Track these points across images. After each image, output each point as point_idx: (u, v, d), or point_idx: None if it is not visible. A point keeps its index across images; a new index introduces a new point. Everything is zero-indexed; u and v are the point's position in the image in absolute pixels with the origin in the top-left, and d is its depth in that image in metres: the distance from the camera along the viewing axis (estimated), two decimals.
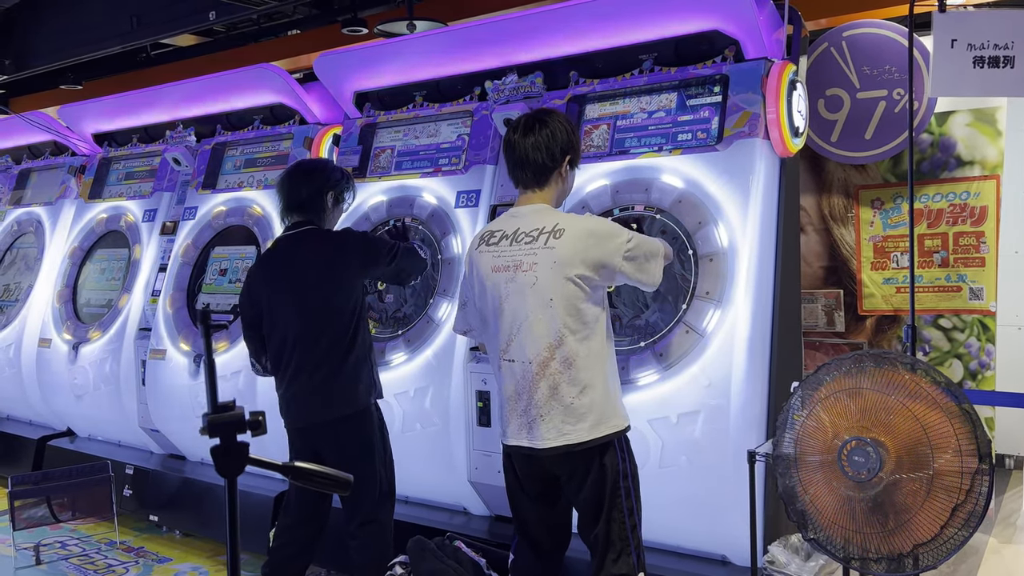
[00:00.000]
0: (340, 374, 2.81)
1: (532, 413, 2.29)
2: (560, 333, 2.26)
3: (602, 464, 2.29)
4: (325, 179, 2.96)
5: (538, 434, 2.28)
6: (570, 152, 2.39)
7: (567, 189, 2.47)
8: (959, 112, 3.94)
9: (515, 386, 2.33)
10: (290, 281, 2.87)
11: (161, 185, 4.66)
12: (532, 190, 2.40)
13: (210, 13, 4.62)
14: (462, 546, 3.04)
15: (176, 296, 4.22)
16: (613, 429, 2.29)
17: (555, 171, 2.37)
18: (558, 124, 2.37)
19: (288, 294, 2.87)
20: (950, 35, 3.00)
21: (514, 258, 2.31)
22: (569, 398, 2.26)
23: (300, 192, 2.92)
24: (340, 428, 2.82)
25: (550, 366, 2.26)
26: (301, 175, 2.96)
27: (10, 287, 5.40)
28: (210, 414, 1.29)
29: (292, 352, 2.85)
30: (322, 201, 2.94)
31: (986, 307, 3.90)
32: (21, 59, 5.75)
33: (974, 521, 2.08)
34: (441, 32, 4.01)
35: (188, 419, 4.01)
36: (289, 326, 2.86)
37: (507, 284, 2.32)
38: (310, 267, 2.84)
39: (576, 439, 2.26)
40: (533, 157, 2.35)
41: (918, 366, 2.20)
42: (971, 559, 3.16)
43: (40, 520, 4.03)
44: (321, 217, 2.95)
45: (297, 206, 2.92)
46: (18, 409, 5.23)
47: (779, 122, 2.87)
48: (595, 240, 2.27)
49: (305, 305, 2.84)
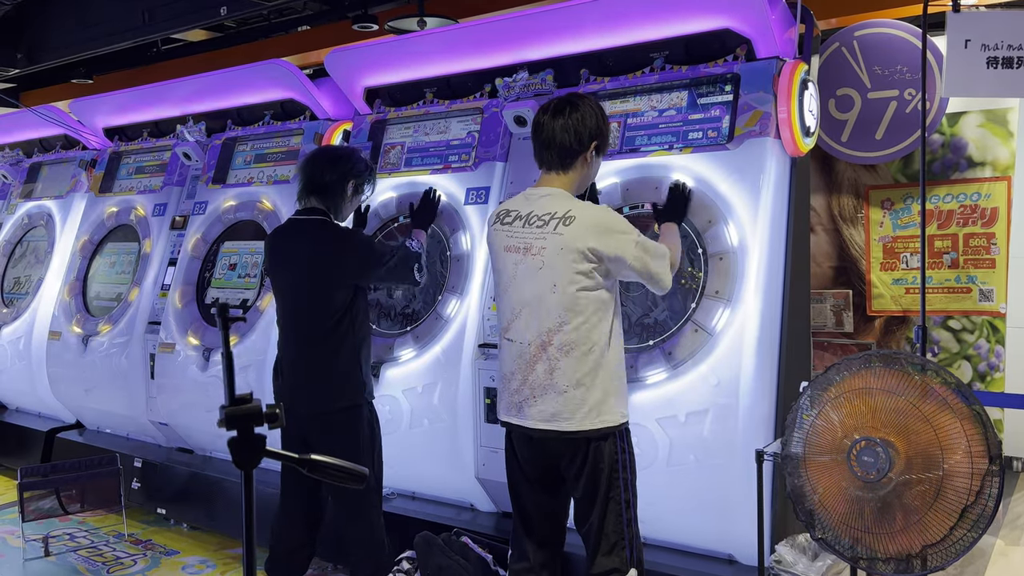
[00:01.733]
0: (327, 370, 2.82)
1: (525, 393, 2.32)
2: (561, 319, 2.26)
3: (600, 451, 2.30)
4: (350, 167, 2.95)
5: (528, 414, 2.31)
6: (598, 138, 2.37)
7: (591, 175, 2.46)
8: (971, 113, 3.92)
9: (512, 365, 2.35)
10: (288, 268, 2.91)
11: (171, 180, 4.68)
12: (556, 172, 2.38)
13: (221, 8, 4.62)
14: (469, 542, 3.05)
15: (185, 290, 4.23)
16: (604, 424, 2.29)
17: (581, 155, 2.36)
18: (589, 108, 2.36)
19: (285, 279, 2.92)
20: (964, 35, 2.98)
21: (525, 240, 2.32)
22: (563, 385, 2.27)
23: (323, 176, 2.90)
24: (326, 421, 2.83)
25: (548, 350, 2.28)
26: (327, 160, 2.96)
27: (20, 280, 5.43)
28: (227, 407, 1.30)
29: (287, 334, 2.91)
30: (343, 189, 2.93)
31: (996, 308, 3.89)
32: (33, 53, 5.76)
33: (983, 523, 2.08)
34: (452, 29, 4.01)
35: (196, 413, 4.03)
36: (285, 309, 2.92)
37: (516, 265, 2.33)
38: (307, 260, 2.85)
39: (565, 427, 2.27)
40: (561, 139, 2.33)
41: (928, 367, 2.20)
42: (978, 561, 3.15)
43: (49, 512, 4.06)
44: (338, 205, 2.95)
45: (317, 190, 2.92)
46: (28, 401, 5.26)
47: (790, 121, 2.86)
48: (603, 230, 2.27)
49: (297, 295, 2.88)
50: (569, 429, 2.27)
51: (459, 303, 3.34)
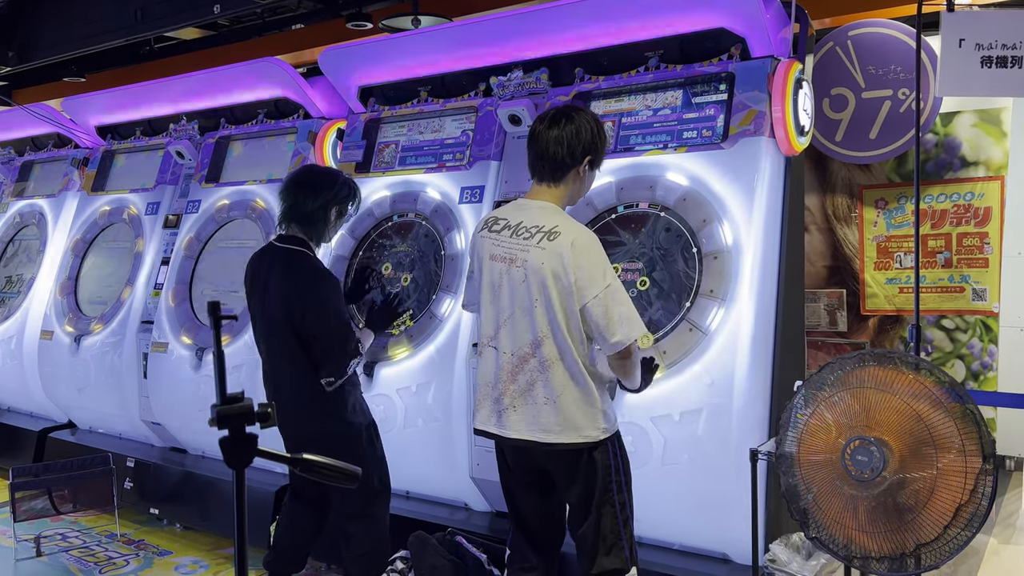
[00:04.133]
0: (307, 399, 2.79)
1: (504, 403, 2.30)
2: (541, 333, 2.25)
3: (592, 459, 2.29)
4: (333, 195, 2.89)
5: (506, 423, 2.30)
6: (592, 153, 2.33)
7: (583, 190, 2.41)
8: (964, 112, 3.93)
9: (493, 374, 2.33)
10: (262, 296, 2.85)
11: (164, 178, 4.66)
12: (547, 184, 2.35)
13: (214, 6, 4.61)
14: (463, 542, 3.04)
15: (178, 289, 4.22)
16: (584, 439, 2.26)
17: (573, 169, 2.32)
18: (585, 122, 2.31)
19: (261, 306, 2.87)
20: (958, 34, 2.99)
21: (511, 251, 2.30)
22: (542, 399, 2.25)
23: (305, 206, 2.85)
24: (321, 445, 2.80)
25: (529, 363, 2.26)
26: (309, 189, 2.88)
27: (12, 279, 5.40)
28: (219, 405, 1.29)
29: (265, 363, 2.90)
30: (325, 216, 2.89)
31: (989, 308, 3.90)
32: (25, 51, 5.73)
33: (977, 521, 2.08)
34: (446, 27, 4.01)
35: (189, 412, 4.01)
36: (260, 336, 2.90)
37: (502, 275, 2.31)
38: (280, 291, 2.80)
39: (544, 439, 2.25)
40: (553, 151, 2.29)
41: (922, 365, 2.20)
42: (971, 560, 3.16)
43: (41, 512, 4.04)
44: (321, 232, 2.91)
45: (298, 218, 2.87)
46: (19, 401, 5.23)
47: (785, 121, 2.87)
48: (582, 253, 2.21)
49: (271, 327, 2.84)
50: (549, 441, 2.26)
51: (453, 302, 3.33)
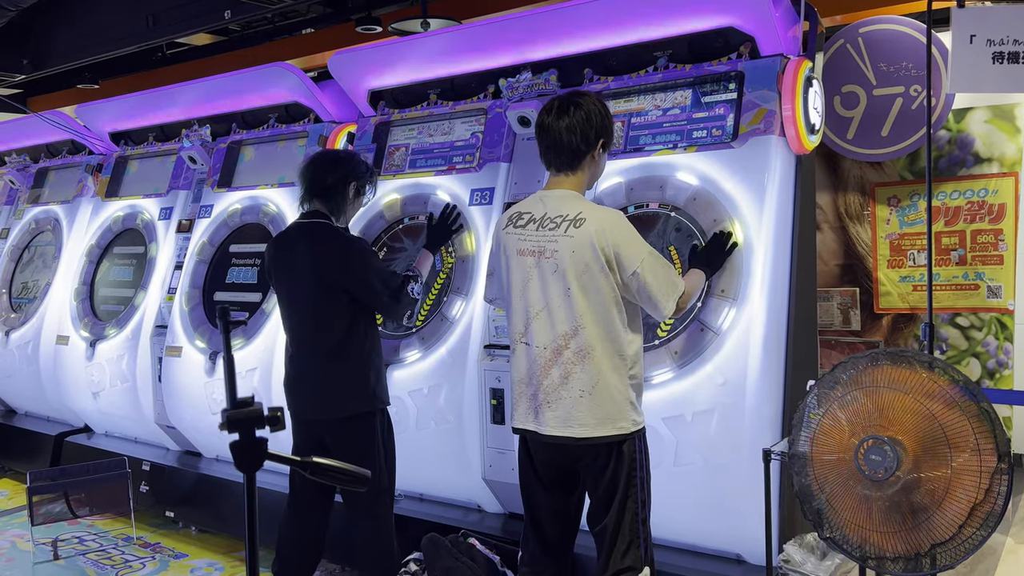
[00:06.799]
0: (336, 378, 2.82)
1: (540, 398, 2.30)
2: (577, 323, 2.25)
3: (620, 452, 2.29)
4: (351, 169, 2.95)
5: (544, 420, 2.29)
6: (604, 135, 2.36)
7: (598, 172, 2.44)
8: (977, 109, 3.90)
9: (527, 370, 2.33)
10: (292, 274, 2.89)
11: (177, 183, 4.69)
12: (564, 173, 2.37)
13: (225, 12, 4.64)
14: (476, 543, 3.05)
15: (192, 293, 4.24)
16: (619, 431, 2.27)
17: (588, 154, 2.34)
18: (593, 106, 2.33)
19: (289, 286, 2.91)
20: (969, 30, 2.97)
21: (539, 243, 2.30)
22: (577, 392, 2.25)
23: (324, 179, 2.90)
24: (338, 429, 2.83)
25: (563, 354, 2.26)
26: (327, 163, 2.95)
27: (28, 285, 5.45)
28: (229, 410, 1.29)
29: (294, 342, 2.91)
30: (344, 190, 2.92)
31: (1004, 305, 3.87)
32: (39, 59, 5.79)
33: (993, 521, 2.06)
34: (455, 30, 4.01)
35: (204, 416, 4.04)
36: (291, 317, 2.92)
37: (531, 268, 2.31)
38: (309, 265, 2.83)
39: (580, 433, 2.26)
40: (567, 140, 2.31)
41: (936, 364, 2.19)
42: (988, 559, 3.13)
43: (58, 516, 4.07)
44: (341, 207, 2.94)
45: (319, 193, 2.91)
46: (36, 406, 5.28)
47: (795, 119, 2.85)
48: (614, 236, 2.24)
49: (300, 301, 2.87)
50: (584, 435, 2.26)
51: (464, 304, 3.34)
